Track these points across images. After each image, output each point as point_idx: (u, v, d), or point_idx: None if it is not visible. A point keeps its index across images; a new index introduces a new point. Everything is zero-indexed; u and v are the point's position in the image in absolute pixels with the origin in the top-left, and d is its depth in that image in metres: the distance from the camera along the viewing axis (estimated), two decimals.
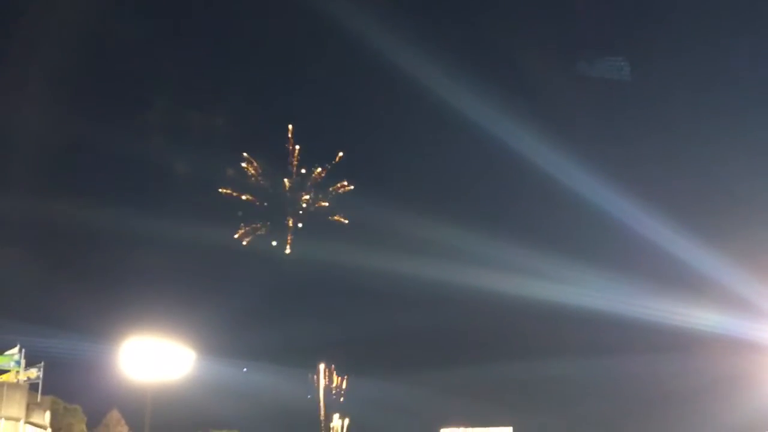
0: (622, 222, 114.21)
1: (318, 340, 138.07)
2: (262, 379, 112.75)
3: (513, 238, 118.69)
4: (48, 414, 62.44)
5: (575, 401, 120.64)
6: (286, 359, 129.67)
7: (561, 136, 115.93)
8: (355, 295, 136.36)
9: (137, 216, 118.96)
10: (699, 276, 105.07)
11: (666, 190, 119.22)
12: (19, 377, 61.29)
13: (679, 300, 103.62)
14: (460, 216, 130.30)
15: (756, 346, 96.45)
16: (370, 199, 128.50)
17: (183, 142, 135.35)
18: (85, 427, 75.45)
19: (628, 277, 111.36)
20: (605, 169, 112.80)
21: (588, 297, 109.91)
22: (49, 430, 63.38)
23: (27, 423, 58.75)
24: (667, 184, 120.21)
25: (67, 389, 76.00)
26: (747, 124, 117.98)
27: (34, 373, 61.94)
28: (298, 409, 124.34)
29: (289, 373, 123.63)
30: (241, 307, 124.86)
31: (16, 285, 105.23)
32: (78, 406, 74.89)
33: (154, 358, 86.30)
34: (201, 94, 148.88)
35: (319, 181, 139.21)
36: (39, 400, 60.74)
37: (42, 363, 62.62)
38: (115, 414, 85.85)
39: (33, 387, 61.13)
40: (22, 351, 62.08)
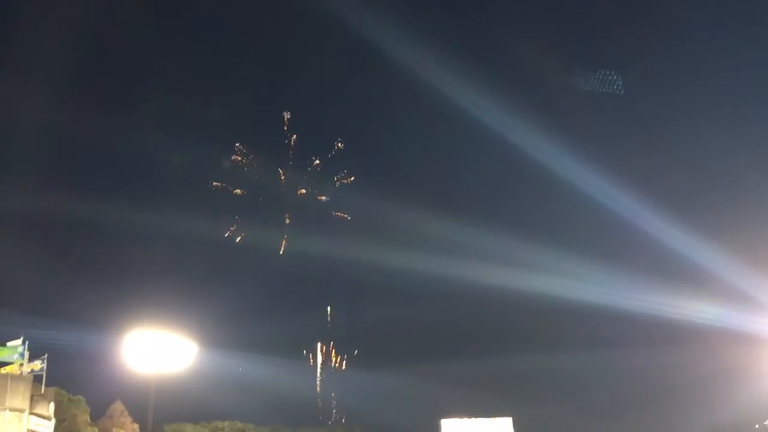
0: (620, 215, 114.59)
1: (319, 332, 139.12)
2: (264, 370, 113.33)
3: (512, 231, 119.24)
4: (52, 405, 62.77)
5: (575, 393, 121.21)
6: (288, 351, 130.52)
7: (559, 130, 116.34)
8: (355, 288, 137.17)
9: (140, 209, 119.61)
10: (698, 269, 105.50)
11: (664, 184, 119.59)
12: (23, 369, 61.57)
13: (678, 293, 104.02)
14: (459, 210, 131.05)
15: (755, 339, 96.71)
16: (370, 192, 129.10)
17: (185, 136, 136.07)
18: (88, 418, 75.98)
19: (627, 271, 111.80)
20: (604, 162, 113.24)
21: (587, 290, 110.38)
22: (53, 420, 63.76)
23: (31, 414, 59.09)
24: (665, 177, 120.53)
25: (71, 381, 76.67)
26: (746, 118, 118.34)
27: (38, 364, 62.11)
28: (300, 401, 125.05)
29: (290, 365, 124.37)
30: (243, 299, 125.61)
31: (20, 277, 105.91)
32: (82, 398, 75.43)
33: (157, 350, 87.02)
34: (202, 90, 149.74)
35: (317, 173, 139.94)
36: (43, 392, 60.97)
37: (46, 355, 62.78)
38: (118, 405, 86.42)
39: (37, 378, 61.32)
40: (26, 343, 62.29)
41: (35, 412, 59.54)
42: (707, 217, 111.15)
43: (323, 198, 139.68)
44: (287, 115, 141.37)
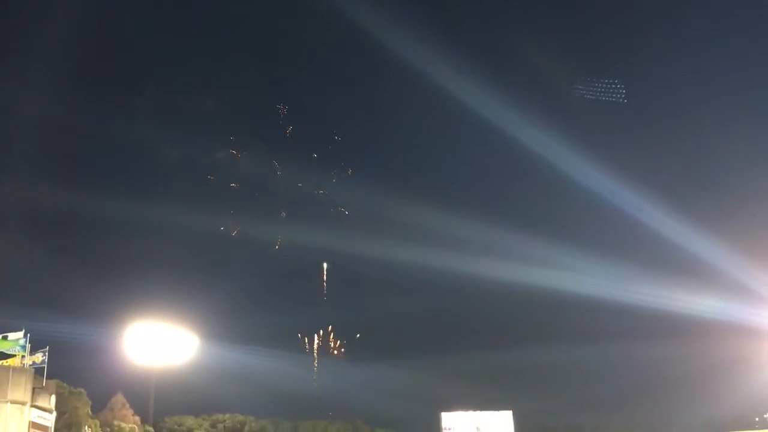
0: (619, 208, 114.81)
1: (318, 323, 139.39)
2: (265, 363, 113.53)
3: (512, 225, 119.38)
4: (53, 397, 62.91)
5: (575, 386, 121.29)
6: (288, 343, 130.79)
7: (559, 123, 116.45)
8: (356, 281, 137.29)
9: (141, 203, 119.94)
10: (698, 262, 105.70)
11: (664, 176, 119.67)
12: (25, 361, 61.76)
13: (677, 285, 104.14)
14: (459, 203, 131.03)
15: (754, 331, 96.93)
16: (370, 186, 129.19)
17: (184, 131, 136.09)
18: (89, 411, 76.06)
19: (627, 263, 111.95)
20: (604, 156, 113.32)
21: (587, 283, 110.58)
22: (55, 413, 63.94)
23: (32, 406, 59.23)
24: (665, 170, 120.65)
25: (72, 373, 76.71)
26: (746, 111, 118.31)
27: (39, 357, 62.25)
28: (301, 394, 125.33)
29: (291, 358, 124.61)
30: (243, 292, 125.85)
31: (21, 270, 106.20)
32: (83, 390, 75.46)
33: (158, 342, 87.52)
34: (201, 85, 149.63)
35: (315, 166, 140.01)
36: (44, 384, 61.04)
37: (47, 347, 62.95)
38: (119, 398, 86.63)
39: (38, 371, 61.41)
40: (27, 335, 62.48)
41: (36, 404, 59.69)
42: (707, 209, 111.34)
43: (322, 191, 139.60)
44: (285, 109, 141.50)
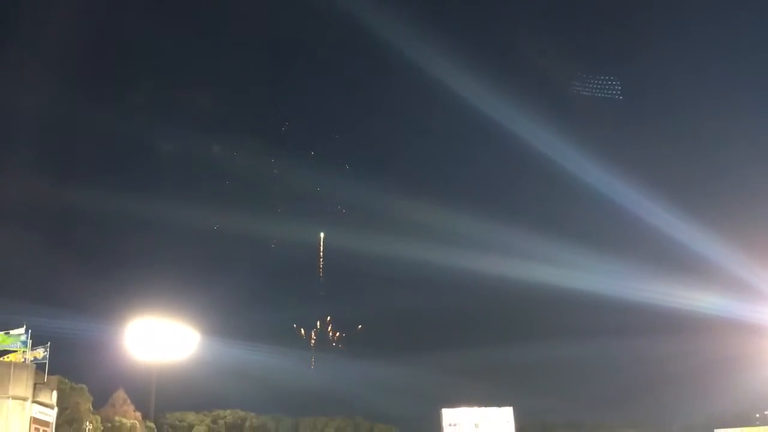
0: (621, 205, 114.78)
1: (320, 322, 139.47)
2: (266, 359, 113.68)
3: (514, 221, 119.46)
4: (55, 393, 62.98)
5: (576, 383, 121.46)
6: (290, 340, 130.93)
7: (562, 121, 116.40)
8: (357, 277, 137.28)
9: (143, 199, 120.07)
10: (699, 259, 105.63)
11: (666, 174, 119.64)
12: (26, 357, 61.81)
13: (679, 282, 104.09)
14: (461, 200, 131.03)
15: (755, 328, 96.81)
16: (372, 182, 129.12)
17: (186, 128, 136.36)
18: (91, 406, 76.26)
19: (628, 260, 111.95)
20: (605, 153, 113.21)
21: (588, 280, 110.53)
22: (56, 409, 64.03)
23: (34, 402, 59.27)
24: (667, 168, 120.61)
25: (74, 369, 77.05)
26: (747, 109, 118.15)
27: (41, 353, 62.30)
28: (302, 390, 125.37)
29: (292, 354, 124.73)
30: (244, 288, 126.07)
31: (23, 266, 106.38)
32: (84, 386, 75.68)
33: (159, 338, 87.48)
34: (202, 82, 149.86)
35: (316, 162, 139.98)
36: (46, 380, 61.12)
37: (48, 343, 63.01)
38: (120, 393, 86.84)
39: (40, 367, 61.48)
40: (29, 331, 62.51)
41: (38, 400, 59.73)
42: (708, 207, 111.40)
43: (323, 188, 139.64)
44: (285, 105, 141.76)
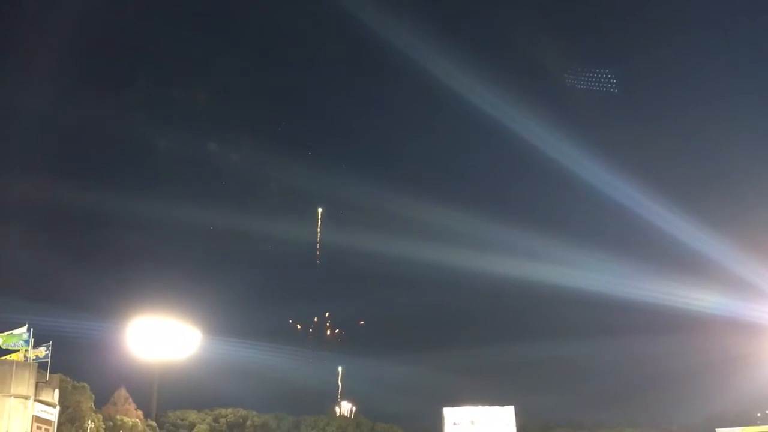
0: (621, 204, 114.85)
1: (321, 320, 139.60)
2: (268, 358, 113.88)
3: (516, 221, 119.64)
4: (56, 392, 63.18)
5: (576, 381, 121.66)
6: (291, 339, 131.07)
7: (562, 120, 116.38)
8: (358, 276, 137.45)
9: (145, 198, 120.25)
10: (699, 258, 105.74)
11: (667, 173, 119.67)
12: (28, 356, 61.98)
13: (679, 282, 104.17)
14: (461, 199, 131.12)
15: (756, 328, 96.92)
16: (375, 182, 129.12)
17: (188, 128, 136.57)
18: (92, 405, 76.39)
19: (629, 260, 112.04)
20: (606, 152, 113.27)
21: (589, 279, 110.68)
22: (58, 407, 64.22)
23: (36, 401, 59.50)
24: (667, 167, 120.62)
25: (76, 368, 77.21)
26: (747, 109, 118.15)
27: (43, 351, 62.55)
28: (303, 389, 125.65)
29: (293, 353, 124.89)
30: (246, 287, 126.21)
31: (25, 265, 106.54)
32: (86, 384, 75.83)
33: (161, 337, 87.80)
34: (205, 82, 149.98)
35: (318, 162, 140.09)
36: (47, 379, 61.37)
37: (50, 342, 63.27)
38: (122, 392, 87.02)
39: (42, 365, 61.78)
40: (31, 330, 62.74)
41: (40, 398, 59.93)
42: (709, 207, 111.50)
43: (323, 187, 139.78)
44: (285, 104, 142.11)
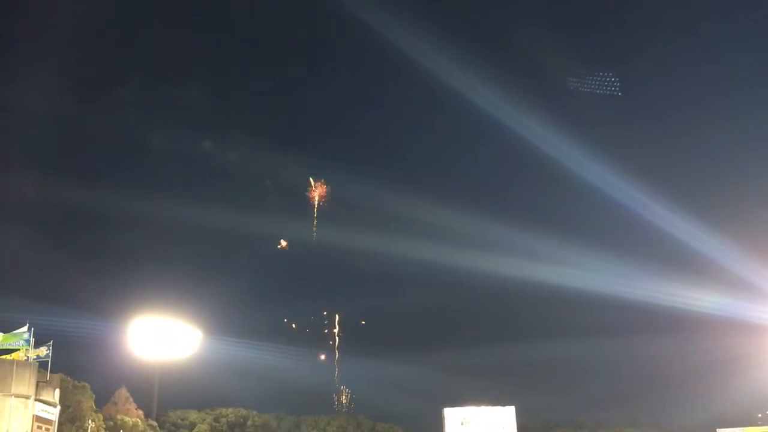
0: (622, 204, 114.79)
1: (322, 320, 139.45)
2: (268, 357, 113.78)
3: (516, 221, 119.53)
4: (57, 391, 63.20)
5: (576, 381, 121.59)
6: (292, 338, 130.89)
7: (562, 119, 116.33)
8: (358, 277, 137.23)
9: (146, 198, 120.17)
10: (700, 258, 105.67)
11: (667, 173, 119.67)
12: (29, 355, 62.02)
13: (680, 282, 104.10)
14: (462, 199, 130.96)
15: (757, 328, 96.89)
16: (375, 182, 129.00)
17: (189, 127, 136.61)
18: (93, 404, 76.44)
19: (630, 260, 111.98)
20: (607, 152, 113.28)
21: (589, 279, 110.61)
22: (59, 407, 64.25)
23: (36, 400, 59.55)
24: (668, 167, 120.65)
25: (76, 367, 77.26)
26: (747, 108, 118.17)
27: (44, 351, 62.61)
28: (304, 389, 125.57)
29: (294, 352, 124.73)
30: (247, 287, 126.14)
31: (26, 265, 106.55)
32: (87, 384, 75.89)
33: (162, 337, 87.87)
34: (207, 81, 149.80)
35: (319, 161, 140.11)
36: (48, 378, 61.40)
37: (51, 341, 63.32)
38: (123, 392, 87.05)
39: (42, 365, 61.84)
40: (32, 330, 62.81)
41: (41, 398, 59.97)
42: (710, 207, 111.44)
43: (324, 185, 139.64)
44: (286, 104, 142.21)
